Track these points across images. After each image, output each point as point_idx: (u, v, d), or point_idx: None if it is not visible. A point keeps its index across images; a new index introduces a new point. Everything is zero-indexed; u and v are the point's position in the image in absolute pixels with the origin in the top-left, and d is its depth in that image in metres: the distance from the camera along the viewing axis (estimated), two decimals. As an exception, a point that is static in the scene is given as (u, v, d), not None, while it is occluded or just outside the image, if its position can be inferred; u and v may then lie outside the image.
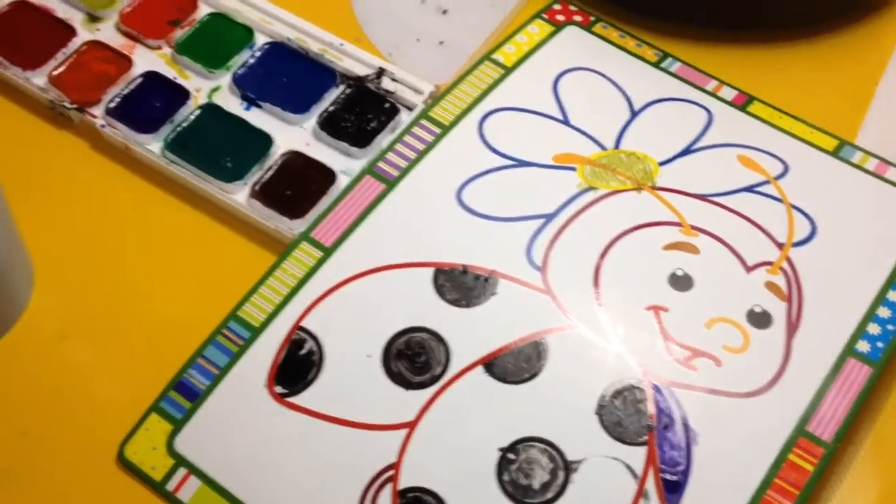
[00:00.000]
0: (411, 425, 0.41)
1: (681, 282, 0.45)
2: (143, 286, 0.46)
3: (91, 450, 0.42)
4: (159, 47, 0.53)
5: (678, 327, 0.44)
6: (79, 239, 0.47)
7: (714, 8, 0.55)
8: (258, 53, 0.53)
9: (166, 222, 0.48)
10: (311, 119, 0.51)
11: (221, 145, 0.49)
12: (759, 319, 0.45)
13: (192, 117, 0.50)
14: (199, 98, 0.51)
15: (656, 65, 0.54)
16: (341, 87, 0.52)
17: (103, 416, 0.42)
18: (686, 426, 0.42)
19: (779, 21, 0.56)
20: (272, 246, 0.47)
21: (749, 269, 0.46)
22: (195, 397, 0.42)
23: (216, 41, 0.53)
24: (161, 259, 0.47)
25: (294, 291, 0.45)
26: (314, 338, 0.44)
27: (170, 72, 0.52)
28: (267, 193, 0.48)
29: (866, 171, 0.50)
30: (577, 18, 0.56)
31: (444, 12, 0.57)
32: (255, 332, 0.44)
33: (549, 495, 0.40)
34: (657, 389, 0.42)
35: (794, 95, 0.54)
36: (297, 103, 0.51)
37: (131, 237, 0.48)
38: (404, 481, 0.40)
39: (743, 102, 0.53)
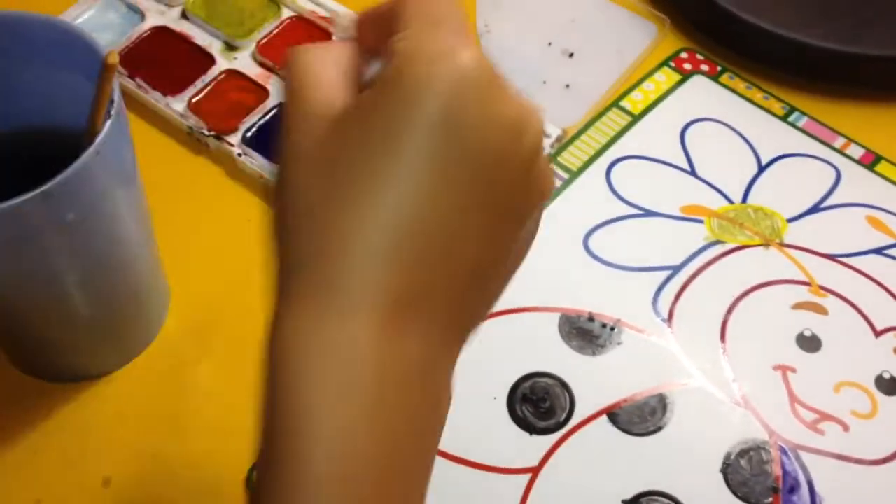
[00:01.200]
0: (534, 471, 0.42)
1: (809, 343, 0.45)
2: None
3: (218, 474, 0.43)
4: (294, 79, 0.55)
5: (806, 389, 0.44)
6: (212, 264, 0.49)
7: (847, 65, 0.55)
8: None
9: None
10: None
11: (352, 179, 0.50)
12: (888, 386, 0.44)
13: (325, 149, 0.51)
14: (331, 131, 0.52)
15: (783, 118, 0.54)
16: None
17: (231, 440, 0.43)
18: (812, 491, 0.41)
19: (910, 80, 0.56)
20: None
21: (878, 333, 0.46)
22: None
23: (349, 75, 0.54)
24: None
25: (421, 329, 0.45)
26: (440, 376, 0.44)
27: (303, 103, 0.53)
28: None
29: None
30: (704, 68, 0.56)
31: (571, 55, 0.57)
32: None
33: (672, 551, 0.40)
34: (784, 451, 0.42)
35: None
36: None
37: (264, 265, 0.49)
38: (526, 527, 0.41)
39: (871, 161, 0.53)
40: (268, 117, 0.52)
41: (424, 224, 0.26)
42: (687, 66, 0.56)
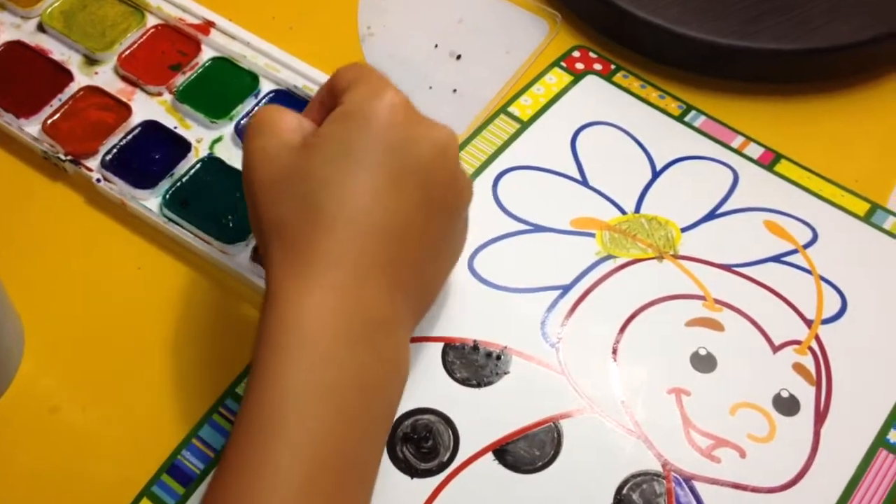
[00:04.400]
0: (417, 517, 0.39)
1: (704, 362, 0.43)
2: (139, 354, 0.44)
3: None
4: (160, 93, 0.51)
5: (701, 413, 0.42)
6: (72, 300, 0.45)
7: (742, 60, 0.52)
8: (264, 102, 0.50)
9: (164, 284, 0.46)
10: (317, 175, 0.48)
11: (223, 202, 0.47)
12: (787, 405, 0.42)
13: (193, 171, 0.48)
14: (200, 150, 0.49)
15: (679, 118, 0.52)
16: (349, 141, 0.49)
17: (93, 498, 0.40)
18: (707, 523, 0.39)
19: (809, 74, 0.54)
20: (274, 313, 0.45)
21: (776, 348, 0.44)
22: (189, 482, 0.40)
23: (219, 88, 0.51)
24: (158, 325, 0.45)
25: (296, 366, 0.42)
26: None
27: (170, 120, 0.50)
28: (269, 256, 0.45)
29: (899, 239, 0.48)
30: (598, 67, 0.54)
31: (459, 58, 0.54)
32: (254, 409, 0.41)
33: None
34: (678, 482, 0.40)
35: (824, 152, 0.52)
36: (302, 158, 0.48)
37: (127, 299, 0.45)
38: (408, 578, 0.38)
39: (770, 161, 0.50)
40: (129, 138, 0.49)
41: (384, 214, 0.36)
42: (579, 66, 0.54)
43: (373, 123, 0.36)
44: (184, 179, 0.48)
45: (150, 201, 0.47)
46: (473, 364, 0.42)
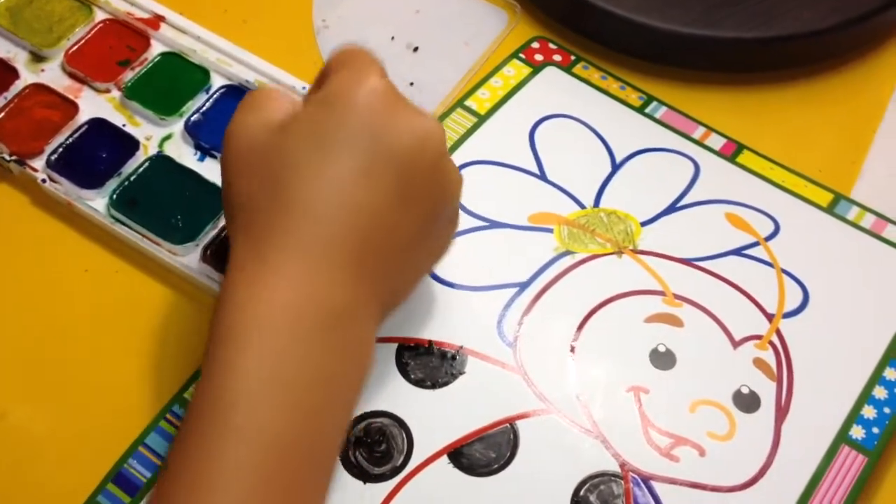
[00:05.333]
0: (370, 523, 0.38)
1: (663, 359, 0.42)
2: (86, 359, 0.43)
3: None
4: (108, 90, 0.50)
5: (659, 411, 0.41)
6: (17, 304, 0.44)
7: (702, 50, 0.52)
8: (214, 98, 0.49)
9: (112, 286, 0.45)
10: (270, 172, 0.47)
11: (172, 201, 0.46)
12: (747, 402, 0.41)
13: (141, 170, 0.47)
14: (149, 148, 0.48)
15: (640, 110, 0.51)
16: (302, 137, 0.48)
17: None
18: (666, 524, 0.39)
19: (771, 63, 0.53)
20: (224, 315, 0.43)
21: (736, 343, 0.43)
22: (136, 491, 0.39)
23: (169, 84, 0.50)
24: (106, 328, 0.43)
25: (246, 369, 0.41)
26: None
27: (118, 118, 0.49)
28: (220, 257, 0.44)
29: (862, 230, 0.47)
30: (557, 58, 0.53)
31: (415, 50, 0.53)
32: (203, 415, 0.40)
33: None
34: (636, 483, 0.39)
35: (787, 142, 0.51)
36: (254, 155, 0.47)
37: (74, 302, 0.44)
38: (361, 586, 0.37)
39: (732, 152, 0.50)
40: (76, 136, 0.47)
41: (355, 198, 0.34)
42: (538, 57, 0.53)
43: (350, 109, 0.35)
44: (132, 179, 0.46)
45: (97, 202, 0.46)
46: (428, 365, 0.42)
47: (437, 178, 0.37)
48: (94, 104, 0.49)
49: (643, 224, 0.46)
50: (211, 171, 0.47)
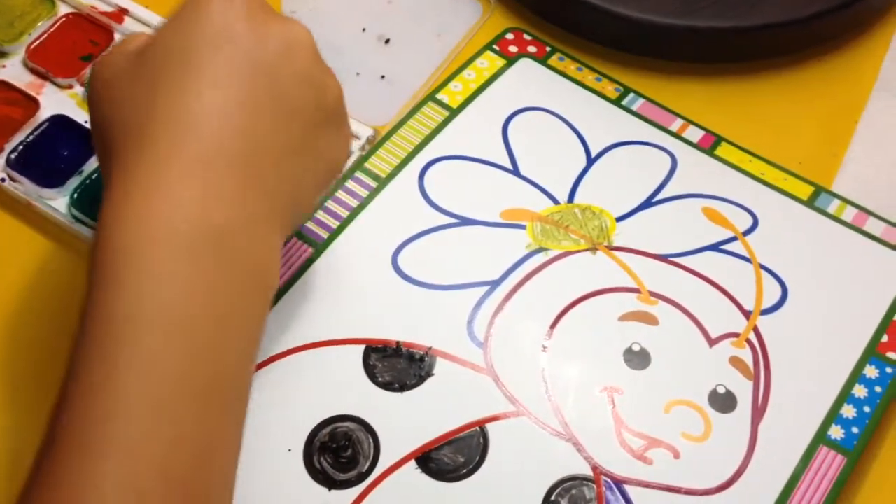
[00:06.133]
0: (334, 531, 0.37)
1: (637, 358, 0.41)
2: (48, 360, 0.41)
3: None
4: (70, 86, 0.48)
5: (633, 412, 0.40)
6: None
7: (680, 40, 0.50)
8: (179, 93, 0.48)
9: (74, 286, 0.43)
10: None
11: (135, 200, 0.44)
12: (723, 402, 0.40)
13: (104, 168, 0.45)
14: (112, 145, 0.47)
15: (617, 102, 0.50)
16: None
17: None
18: (639, 529, 0.38)
19: (750, 52, 0.52)
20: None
21: (712, 342, 0.42)
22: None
23: (133, 79, 0.48)
24: (68, 329, 0.42)
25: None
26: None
27: (80, 114, 0.47)
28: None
29: (843, 223, 0.46)
30: (532, 49, 0.52)
31: (387, 42, 0.52)
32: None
33: None
34: (608, 486, 0.38)
35: (767, 134, 0.50)
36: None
37: (36, 303, 0.43)
38: None
39: (710, 145, 0.49)
40: (37, 134, 0.46)
41: (221, 111, 0.33)
42: (513, 49, 0.51)
43: (203, 20, 0.34)
44: (93, 177, 0.45)
45: (58, 201, 0.45)
46: (396, 367, 0.41)
47: (309, 84, 0.36)
48: (57, 100, 0.48)
49: (618, 219, 0.45)
50: (175, 168, 0.45)
